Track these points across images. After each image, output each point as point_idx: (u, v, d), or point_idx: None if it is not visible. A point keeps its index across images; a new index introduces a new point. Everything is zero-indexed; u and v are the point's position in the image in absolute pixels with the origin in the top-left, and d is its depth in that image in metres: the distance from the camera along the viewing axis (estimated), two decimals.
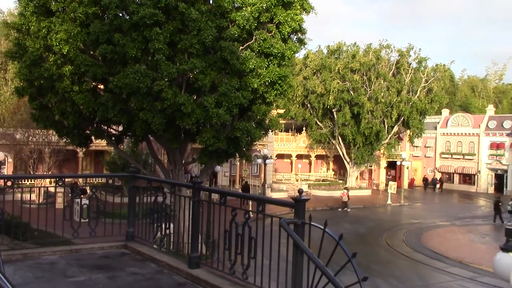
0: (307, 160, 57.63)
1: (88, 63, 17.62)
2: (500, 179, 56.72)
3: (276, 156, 51.30)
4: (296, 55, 22.94)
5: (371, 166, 57.08)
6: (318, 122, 52.43)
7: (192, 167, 38.55)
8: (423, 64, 50.95)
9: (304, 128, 54.97)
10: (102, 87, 19.98)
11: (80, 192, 8.68)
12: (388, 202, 44.72)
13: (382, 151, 53.96)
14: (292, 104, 52.16)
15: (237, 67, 17.52)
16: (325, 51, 53.17)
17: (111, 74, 17.50)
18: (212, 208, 6.44)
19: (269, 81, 18.33)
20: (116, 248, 8.02)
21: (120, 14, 17.72)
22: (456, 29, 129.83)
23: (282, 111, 49.26)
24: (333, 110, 50.40)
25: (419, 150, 62.39)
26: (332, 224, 6.05)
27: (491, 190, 56.77)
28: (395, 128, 51.02)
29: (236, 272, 5.93)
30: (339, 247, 4.30)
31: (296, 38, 20.36)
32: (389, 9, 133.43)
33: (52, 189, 9.60)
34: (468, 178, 59.08)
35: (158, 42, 16.64)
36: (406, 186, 53.57)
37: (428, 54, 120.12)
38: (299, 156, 55.96)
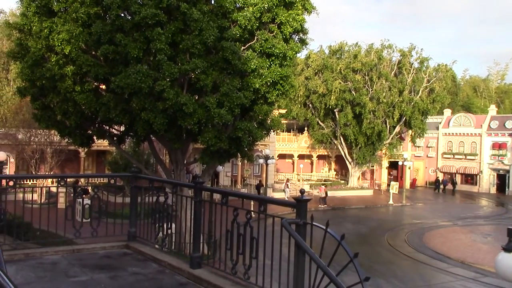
0: (309, 160, 57.64)
1: (90, 63, 17.64)
2: (502, 179, 56.62)
3: (278, 156, 51.31)
4: (298, 55, 22.90)
5: (373, 166, 57.06)
6: (320, 122, 52.41)
7: (194, 167, 38.56)
8: (425, 64, 50.91)
9: (306, 128, 54.98)
10: (104, 87, 20.00)
11: (82, 192, 8.69)
12: (390, 202, 44.69)
13: (384, 151, 53.96)
14: (294, 104, 52.15)
15: (238, 67, 17.51)
16: (326, 51, 53.15)
17: (113, 74, 17.51)
18: (214, 208, 6.44)
19: (270, 81, 18.33)
20: (118, 248, 8.03)
21: (122, 14, 17.74)
22: (458, 29, 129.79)
23: (284, 111, 49.24)
24: (335, 110, 50.39)
25: (421, 150, 62.32)
26: (333, 224, 6.05)
27: (493, 190, 56.69)
28: (397, 128, 51.00)
29: (238, 272, 5.93)
30: (340, 247, 4.30)
31: (297, 38, 20.35)
32: (391, 9, 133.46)
33: (54, 189, 9.63)
34: (470, 178, 58.99)
35: (160, 42, 16.65)
36: (408, 186, 53.53)
37: (430, 54, 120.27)
38: (301, 156, 55.97)
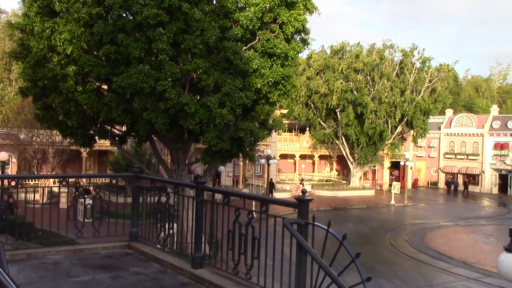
0: (311, 160, 57.60)
1: (92, 63, 17.66)
2: (504, 180, 56.51)
3: (279, 156, 51.31)
4: (300, 55, 22.90)
5: (375, 166, 57.01)
6: (321, 122, 52.39)
7: (196, 167, 38.58)
8: (427, 64, 50.83)
9: (307, 128, 54.95)
10: (105, 87, 20.02)
11: (84, 192, 8.69)
12: (392, 202, 44.66)
13: (385, 151, 53.93)
14: (295, 104, 52.12)
15: (240, 67, 17.52)
16: (328, 51, 53.11)
17: (115, 74, 17.53)
18: (216, 208, 6.44)
19: (272, 81, 18.33)
20: (120, 248, 8.03)
21: (124, 15, 17.77)
22: (459, 28, 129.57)
23: (285, 111, 49.25)
24: (336, 110, 50.35)
25: (422, 150, 62.24)
26: (335, 224, 6.05)
27: (495, 190, 56.59)
28: (399, 128, 50.93)
29: (239, 272, 5.92)
30: (342, 247, 4.30)
31: (299, 38, 20.35)
32: (392, 9, 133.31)
33: (56, 189, 9.65)
34: (472, 179, 58.88)
35: (162, 42, 16.66)
36: (409, 186, 53.46)
37: (432, 54, 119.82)
38: (303, 156, 55.95)
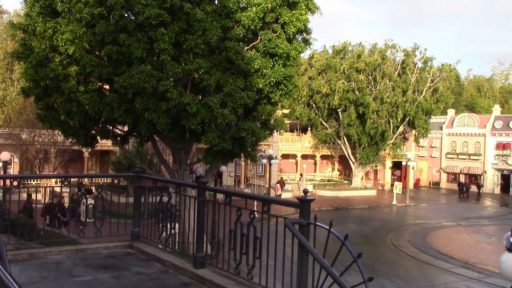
0: (312, 160, 57.57)
1: (94, 63, 17.67)
2: (506, 180, 56.41)
3: (281, 156, 51.27)
4: (301, 55, 22.91)
5: (377, 166, 56.93)
6: (323, 122, 52.34)
7: (197, 167, 38.60)
8: (429, 64, 50.73)
9: (309, 128, 54.89)
10: (107, 87, 20.04)
11: (86, 192, 8.71)
12: (394, 203, 44.59)
13: (387, 151, 53.85)
14: (297, 104, 52.09)
15: (242, 67, 17.51)
16: (330, 51, 53.08)
17: (117, 74, 17.54)
18: (217, 208, 6.44)
19: (274, 81, 18.32)
20: (122, 248, 8.04)
21: (126, 15, 17.76)
22: (462, 28, 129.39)
23: (287, 111, 49.16)
24: (338, 110, 50.31)
25: (424, 150, 62.18)
26: (337, 224, 6.04)
27: (497, 190, 56.50)
28: (401, 128, 50.85)
29: (241, 272, 5.93)
30: (344, 247, 4.29)
31: (301, 38, 20.34)
32: (394, 9, 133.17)
33: (58, 189, 9.65)
34: (474, 179, 58.80)
35: (163, 43, 16.66)
36: (411, 186, 53.41)
37: (434, 54, 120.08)
38: (304, 156, 55.90)
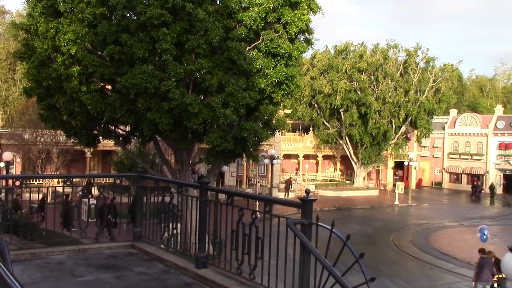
0: (314, 160, 57.55)
1: (96, 63, 17.70)
2: (508, 180, 56.23)
3: (283, 156, 51.27)
4: (303, 55, 22.91)
5: (379, 167, 56.89)
6: (325, 122, 52.30)
7: (199, 167, 38.59)
8: (431, 64, 50.69)
9: (311, 128, 54.87)
10: (109, 87, 20.06)
11: (88, 192, 8.73)
12: (396, 203, 44.53)
13: (389, 151, 53.78)
14: (299, 104, 52.07)
15: (244, 67, 17.52)
16: (332, 51, 53.01)
17: (119, 74, 17.56)
18: (219, 208, 6.44)
19: (276, 81, 18.32)
20: (124, 248, 8.04)
21: (128, 15, 17.79)
22: (464, 28, 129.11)
23: (289, 111, 49.22)
24: (340, 110, 50.25)
25: (426, 150, 62.05)
26: (339, 225, 6.02)
27: (499, 190, 56.35)
28: (403, 128, 50.81)
29: (243, 272, 5.92)
30: (346, 247, 4.29)
31: (303, 38, 20.33)
32: (396, 9, 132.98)
33: (60, 189, 9.66)
34: (476, 179, 58.69)
35: (166, 43, 16.68)
36: (413, 186, 53.34)
37: (436, 53, 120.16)
38: (306, 156, 55.88)
